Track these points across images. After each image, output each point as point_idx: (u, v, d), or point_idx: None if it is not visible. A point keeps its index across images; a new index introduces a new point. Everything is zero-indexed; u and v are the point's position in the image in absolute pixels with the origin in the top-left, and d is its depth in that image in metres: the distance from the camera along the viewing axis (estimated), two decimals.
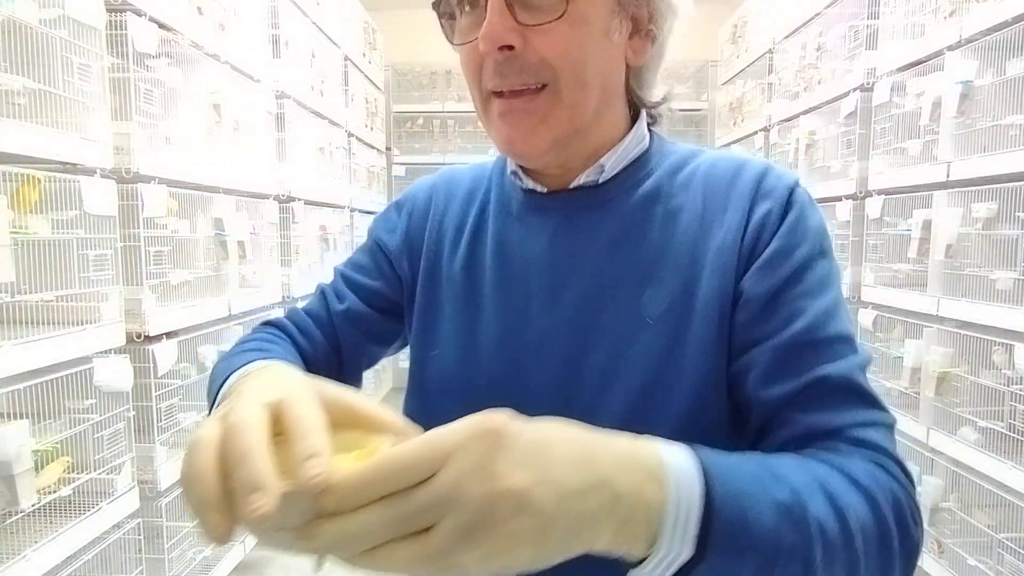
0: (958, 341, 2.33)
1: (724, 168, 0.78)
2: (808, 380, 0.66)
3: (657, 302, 0.73)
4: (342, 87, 4.30)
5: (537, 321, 0.77)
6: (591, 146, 0.78)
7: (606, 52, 0.74)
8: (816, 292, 0.70)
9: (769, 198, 0.74)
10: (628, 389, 0.72)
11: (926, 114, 2.47)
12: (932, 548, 2.44)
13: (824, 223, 0.76)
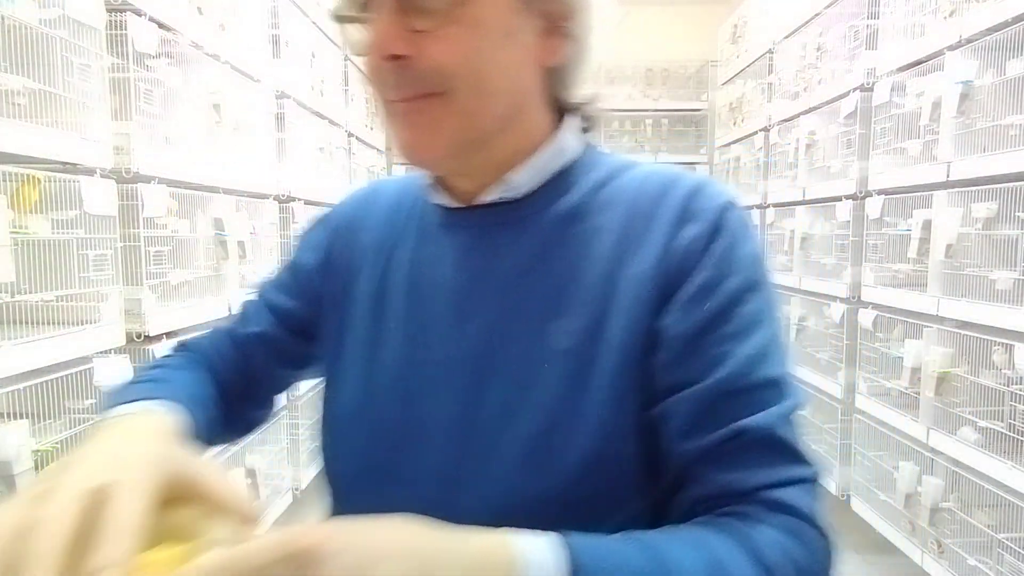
0: (958, 341, 2.33)
1: (653, 184, 0.71)
2: (726, 434, 0.61)
3: (564, 335, 0.66)
4: (342, 87, 4.30)
5: (438, 352, 0.70)
6: (500, 156, 0.71)
7: (510, 54, 0.67)
8: (745, 332, 0.64)
9: (696, 221, 0.67)
10: (528, 430, 0.65)
11: (926, 114, 2.47)
12: (932, 548, 2.44)
13: (759, 249, 0.69)
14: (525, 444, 0.65)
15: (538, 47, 0.69)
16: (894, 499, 2.71)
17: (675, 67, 6.05)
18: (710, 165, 5.86)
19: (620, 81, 6.05)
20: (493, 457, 0.63)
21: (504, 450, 0.65)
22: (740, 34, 4.82)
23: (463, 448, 0.62)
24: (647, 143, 6.01)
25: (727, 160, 5.08)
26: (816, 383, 3.43)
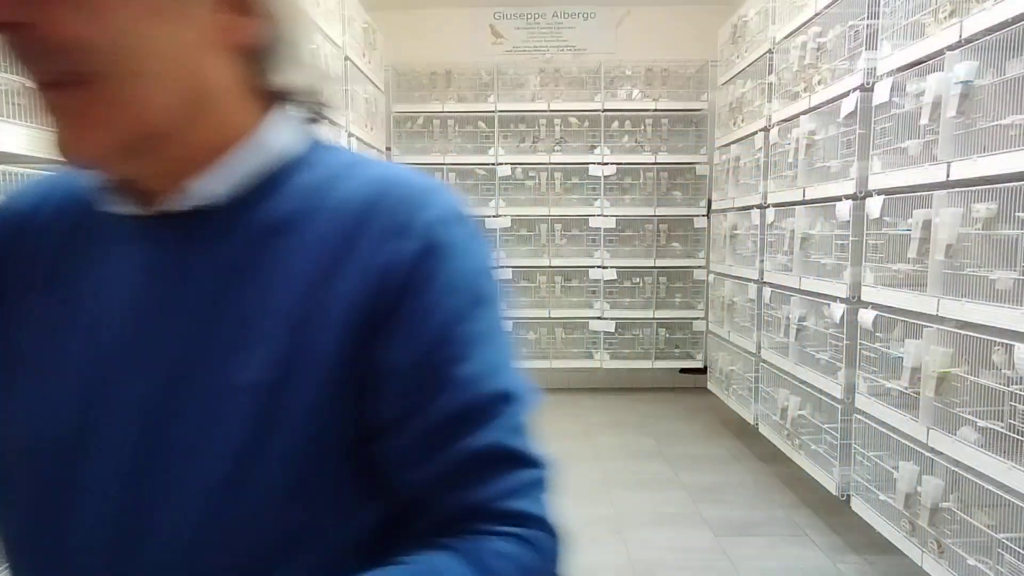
0: (958, 341, 2.33)
1: (368, 192, 0.63)
2: (451, 457, 0.59)
3: (255, 367, 0.58)
4: (342, 87, 4.30)
5: (114, 390, 0.60)
6: (186, 157, 0.60)
7: (174, 31, 0.56)
8: (467, 353, 0.60)
9: (404, 237, 0.60)
10: (212, 474, 0.57)
11: (926, 114, 2.47)
12: (932, 548, 2.44)
13: (483, 262, 0.64)
14: (210, 489, 0.57)
15: (217, 24, 0.58)
16: (894, 499, 2.71)
17: (675, 67, 6.05)
18: (710, 165, 5.86)
19: (620, 81, 6.06)
20: (175, 504, 0.57)
21: (187, 496, 0.58)
22: (740, 34, 4.82)
23: (140, 497, 0.57)
24: (647, 143, 6.01)
25: (727, 160, 5.09)
26: (816, 383, 3.43)
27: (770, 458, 4.37)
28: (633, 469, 4.30)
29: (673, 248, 6.07)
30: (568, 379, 6.37)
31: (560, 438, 4.91)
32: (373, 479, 0.61)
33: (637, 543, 3.29)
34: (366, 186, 0.63)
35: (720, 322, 5.19)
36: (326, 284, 0.59)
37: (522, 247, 6.06)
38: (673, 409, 5.71)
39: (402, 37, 6.17)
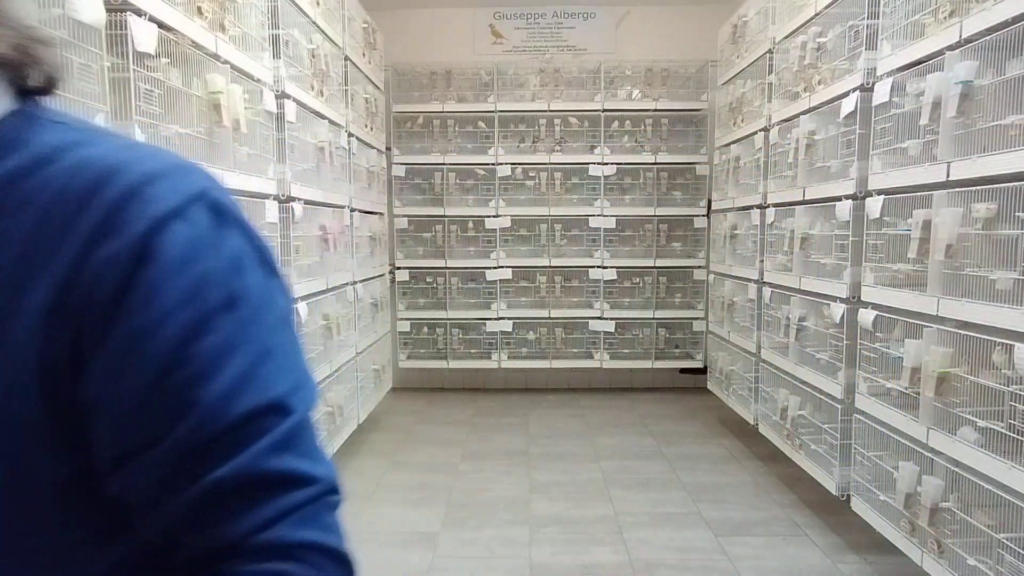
0: (958, 341, 2.34)
1: (85, 178, 0.51)
2: (199, 492, 0.51)
3: None
4: (342, 87, 4.30)
5: None
6: None
7: None
8: (212, 369, 0.50)
9: (119, 236, 0.49)
10: None
11: (926, 114, 2.47)
12: (932, 548, 2.44)
13: (229, 255, 0.53)
14: None
15: None
16: (894, 499, 2.71)
17: (675, 67, 6.05)
18: (710, 165, 5.86)
19: (620, 81, 6.06)
20: None
21: None
22: (740, 34, 4.82)
23: None
24: (647, 143, 6.01)
25: (727, 160, 5.09)
26: (816, 383, 3.43)
27: (770, 458, 4.36)
28: (633, 469, 4.30)
29: (673, 248, 6.08)
30: (568, 379, 6.37)
31: (560, 438, 4.91)
32: (108, 519, 0.53)
33: (637, 543, 3.29)
34: (84, 170, 0.51)
35: (720, 322, 5.19)
36: (21, 292, 0.49)
37: (522, 247, 6.07)
38: (673, 409, 5.71)
39: (402, 37, 6.17)
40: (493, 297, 5.98)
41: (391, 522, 3.56)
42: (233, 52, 2.68)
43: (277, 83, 3.18)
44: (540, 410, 5.71)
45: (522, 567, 3.08)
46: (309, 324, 3.51)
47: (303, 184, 3.47)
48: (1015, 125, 2.12)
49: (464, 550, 3.25)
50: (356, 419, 4.43)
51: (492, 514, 3.63)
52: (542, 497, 3.86)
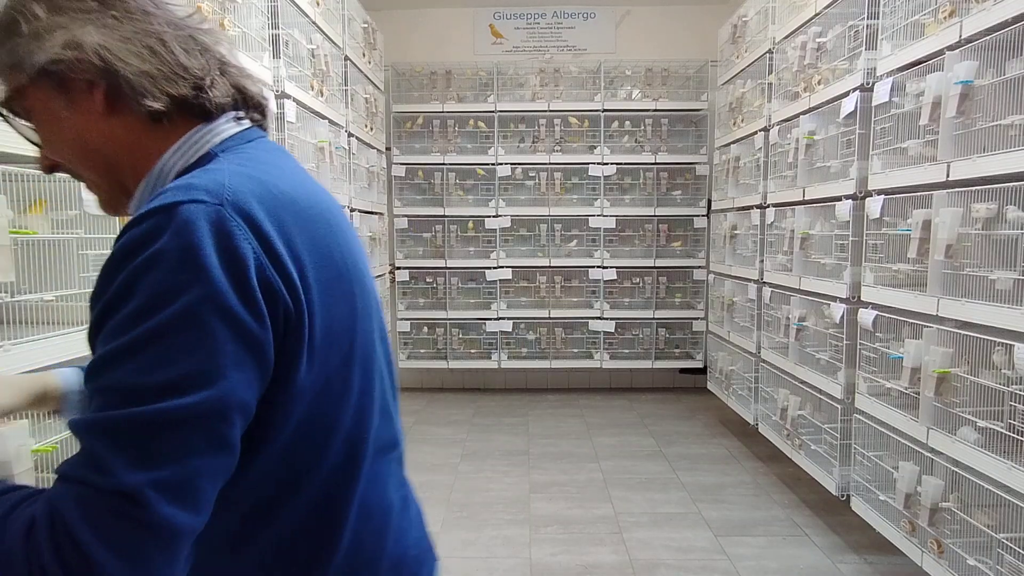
0: (958, 341, 2.34)
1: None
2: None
3: None
4: (342, 87, 4.30)
5: None
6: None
7: (71, 143, 0.82)
8: (104, 343, 0.67)
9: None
10: None
11: (926, 114, 2.47)
12: (932, 548, 2.44)
13: (158, 254, 0.66)
14: None
15: (77, 115, 0.80)
16: (894, 499, 2.71)
17: (675, 67, 6.05)
18: (710, 165, 5.86)
19: (620, 81, 6.06)
20: None
21: None
22: (740, 34, 4.82)
23: None
24: (647, 143, 6.01)
25: (727, 160, 5.09)
26: (816, 383, 3.43)
27: (770, 458, 4.36)
28: (633, 469, 4.30)
29: (673, 248, 6.08)
30: (568, 379, 6.37)
31: (560, 438, 4.91)
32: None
33: (637, 543, 3.29)
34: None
35: (720, 322, 5.19)
36: None
37: (522, 247, 6.07)
38: (673, 409, 5.71)
39: (402, 37, 6.17)
40: (493, 297, 5.98)
41: None
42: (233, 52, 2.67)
43: (277, 83, 3.18)
44: (540, 410, 5.71)
45: (522, 567, 3.08)
46: None
47: None
48: (1015, 125, 2.12)
49: (464, 550, 3.25)
50: None
51: (492, 514, 3.63)
52: (542, 497, 3.86)
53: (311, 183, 0.86)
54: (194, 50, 0.80)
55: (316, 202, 0.82)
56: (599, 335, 6.00)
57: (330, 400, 0.78)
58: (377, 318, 0.88)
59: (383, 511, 0.85)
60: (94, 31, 0.74)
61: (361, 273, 0.85)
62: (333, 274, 0.78)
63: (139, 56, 0.76)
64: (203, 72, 0.80)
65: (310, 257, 0.75)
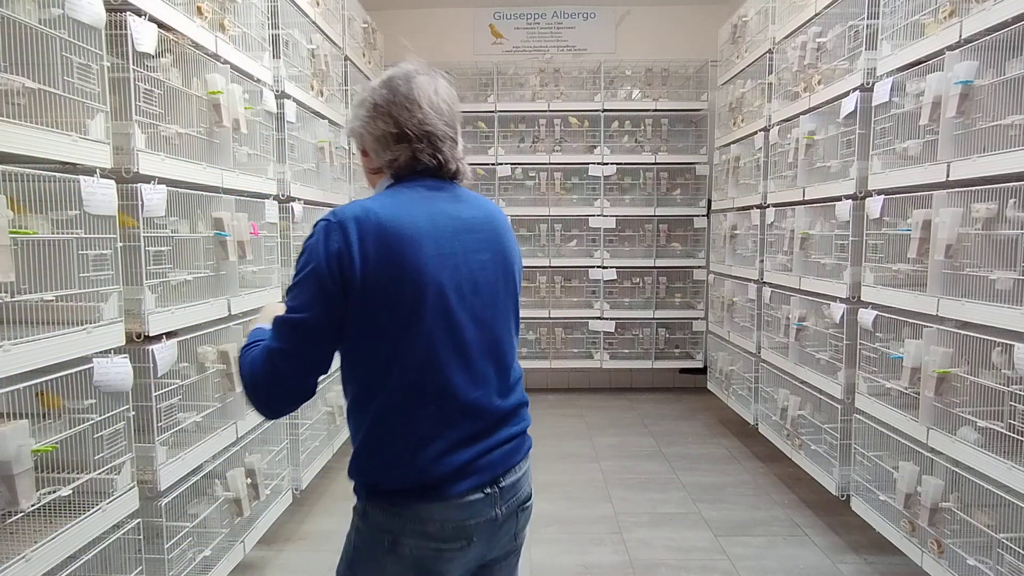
0: (958, 341, 2.33)
1: None
2: None
3: None
4: (342, 87, 4.30)
5: None
6: None
7: (372, 180, 1.52)
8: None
9: None
10: None
11: (926, 114, 2.47)
12: (932, 548, 2.44)
13: (307, 246, 1.30)
14: None
15: (369, 168, 1.54)
16: (894, 499, 2.71)
17: (675, 67, 6.05)
18: (710, 165, 5.86)
19: (620, 81, 6.06)
20: None
21: None
22: (740, 34, 4.82)
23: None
24: (647, 143, 6.01)
25: (727, 160, 5.09)
26: (816, 383, 3.43)
27: (770, 458, 4.36)
28: (633, 469, 4.30)
29: (673, 248, 6.08)
30: (568, 379, 6.37)
31: (560, 438, 4.91)
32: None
33: (637, 543, 3.29)
34: None
35: (720, 322, 5.19)
36: None
37: (522, 247, 6.05)
38: (673, 409, 5.71)
39: (402, 37, 6.16)
40: None
41: None
42: (233, 52, 2.67)
43: (277, 83, 3.18)
44: (540, 410, 5.71)
45: (522, 567, 3.08)
46: None
47: (303, 184, 3.47)
48: (1015, 125, 2.12)
49: None
50: None
51: None
52: (542, 497, 3.85)
53: (414, 209, 1.35)
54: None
55: (399, 223, 1.31)
56: (599, 335, 6.00)
57: (381, 327, 1.31)
58: (456, 306, 1.34)
59: (413, 435, 1.33)
60: (358, 115, 1.47)
61: (422, 277, 1.30)
62: (395, 268, 1.28)
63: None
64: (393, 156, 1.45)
65: (380, 256, 1.27)
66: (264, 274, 2.97)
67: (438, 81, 1.51)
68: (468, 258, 1.36)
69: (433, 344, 1.30)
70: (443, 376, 1.31)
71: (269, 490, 2.96)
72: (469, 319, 1.34)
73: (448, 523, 1.31)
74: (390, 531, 1.30)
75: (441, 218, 1.35)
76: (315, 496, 3.83)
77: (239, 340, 2.64)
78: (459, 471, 1.31)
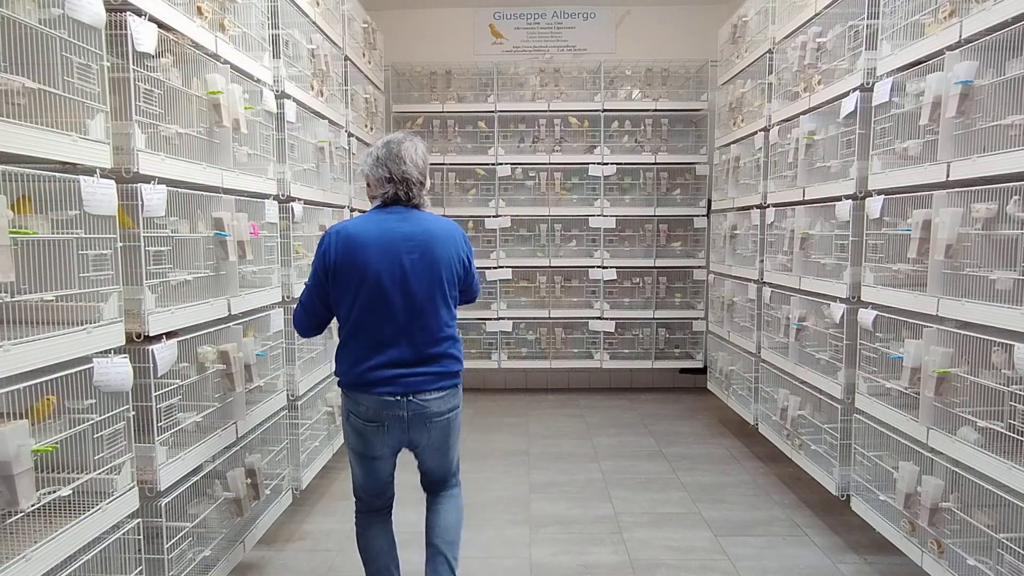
0: (958, 341, 2.33)
1: None
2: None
3: None
4: (342, 87, 4.30)
5: None
6: None
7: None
8: None
9: None
10: None
11: (926, 114, 2.47)
12: (932, 548, 2.44)
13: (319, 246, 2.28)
14: None
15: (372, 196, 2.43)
16: (894, 499, 2.71)
17: (675, 67, 6.05)
18: (710, 165, 5.86)
19: (620, 81, 6.06)
20: None
21: None
22: (740, 34, 4.82)
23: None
24: (647, 143, 6.01)
25: (727, 160, 5.09)
26: (816, 383, 3.43)
27: (770, 458, 4.36)
28: (633, 469, 4.30)
29: (673, 248, 6.08)
30: (568, 379, 6.37)
31: (560, 438, 4.91)
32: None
33: (637, 543, 3.29)
34: None
35: (720, 322, 5.19)
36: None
37: (522, 247, 6.07)
38: (673, 409, 5.71)
39: (402, 37, 6.17)
40: (493, 297, 5.99)
41: None
42: (233, 52, 2.67)
43: (277, 83, 3.18)
44: (540, 410, 5.71)
45: (522, 567, 3.08)
46: None
47: (303, 184, 3.47)
48: (1015, 125, 2.12)
49: (464, 550, 3.25)
50: None
51: (492, 514, 3.63)
52: (542, 497, 3.86)
53: (372, 227, 2.26)
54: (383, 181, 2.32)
55: (363, 238, 2.22)
56: (599, 335, 6.00)
57: (337, 299, 2.27)
58: (386, 292, 2.23)
59: (349, 353, 2.30)
60: (366, 161, 2.36)
61: (371, 270, 2.22)
62: (349, 262, 2.22)
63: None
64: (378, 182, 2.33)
65: (343, 255, 2.22)
66: (264, 274, 2.97)
67: (417, 144, 2.35)
68: (401, 257, 2.25)
69: (369, 306, 2.24)
70: (372, 325, 2.25)
71: (269, 490, 2.96)
72: (398, 293, 2.24)
73: (370, 409, 2.27)
74: (345, 407, 2.35)
75: (388, 232, 2.26)
76: (315, 496, 3.83)
77: (239, 340, 2.64)
78: (379, 381, 2.25)
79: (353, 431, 2.33)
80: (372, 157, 2.30)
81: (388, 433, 2.30)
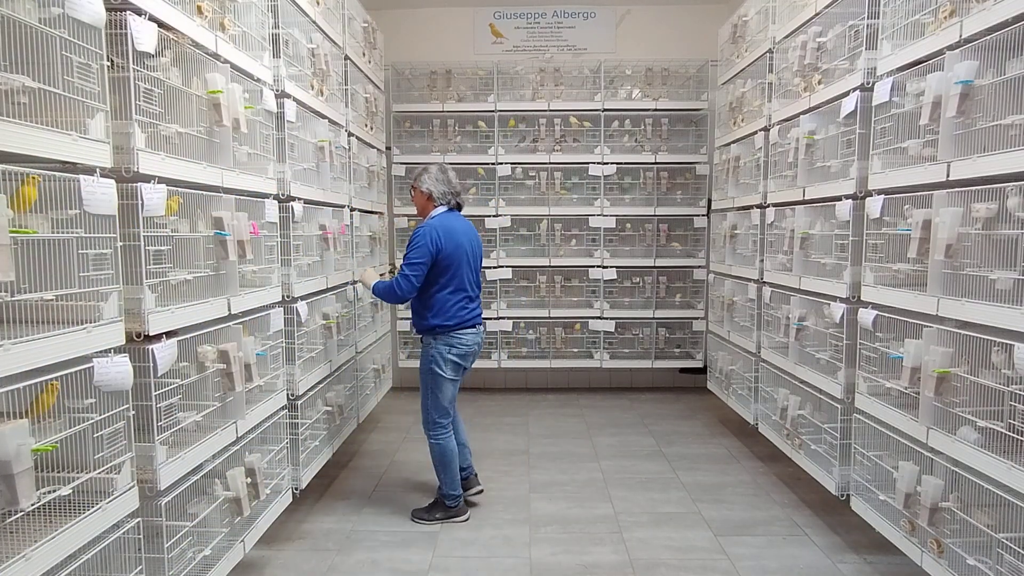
0: (958, 341, 2.33)
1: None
2: None
3: None
4: (342, 87, 4.30)
5: None
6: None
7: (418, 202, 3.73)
8: (408, 248, 3.52)
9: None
10: None
11: (926, 114, 2.47)
12: (932, 548, 2.44)
13: (420, 233, 3.49)
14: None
15: (420, 201, 3.75)
16: (894, 499, 2.71)
17: (675, 67, 6.05)
18: (710, 165, 5.86)
19: (620, 81, 6.06)
20: None
21: None
22: (740, 34, 4.82)
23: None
24: (647, 143, 6.01)
25: (727, 160, 5.08)
26: (816, 383, 3.43)
27: (770, 458, 4.37)
28: (633, 469, 4.30)
29: (673, 248, 6.08)
30: (568, 379, 6.37)
31: (560, 438, 4.91)
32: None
33: (637, 543, 3.29)
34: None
35: (720, 322, 5.19)
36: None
37: (522, 247, 6.07)
38: (673, 409, 5.71)
39: (402, 37, 6.17)
40: (493, 297, 5.99)
41: (391, 521, 3.56)
42: (233, 51, 2.67)
43: (277, 82, 3.18)
44: (540, 410, 5.71)
45: (522, 567, 3.08)
46: (309, 323, 3.51)
47: (303, 183, 3.47)
48: (1015, 125, 2.12)
49: (464, 550, 3.26)
50: (356, 418, 4.44)
51: (492, 514, 3.63)
52: (542, 497, 3.86)
53: (454, 222, 3.58)
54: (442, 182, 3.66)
55: (454, 229, 3.55)
56: (599, 335, 6.00)
57: (443, 270, 3.50)
58: (467, 263, 3.57)
59: (454, 306, 3.55)
60: (428, 179, 3.63)
61: (462, 248, 3.54)
62: (453, 244, 3.50)
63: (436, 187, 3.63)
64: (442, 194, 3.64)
65: (447, 240, 3.48)
66: (264, 273, 2.97)
67: (450, 169, 3.68)
68: (467, 246, 3.56)
69: (461, 274, 3.51)
70: (464, 286, 3.54)
71: (269, 489, 2.96)
72: (468, 268, 3.57)
73: (472, 339, 3.56)
74: (444, 345, 3.50)
75: (461, 226, 3.56)
76: (315, 495, 3.84)
77: (239, 339, 2.64)
78: (476, 318, 3.60)
79: (452, 363, 3.51)
80: (433, 172, 3.61)
81: (471, 358, 3.61)
